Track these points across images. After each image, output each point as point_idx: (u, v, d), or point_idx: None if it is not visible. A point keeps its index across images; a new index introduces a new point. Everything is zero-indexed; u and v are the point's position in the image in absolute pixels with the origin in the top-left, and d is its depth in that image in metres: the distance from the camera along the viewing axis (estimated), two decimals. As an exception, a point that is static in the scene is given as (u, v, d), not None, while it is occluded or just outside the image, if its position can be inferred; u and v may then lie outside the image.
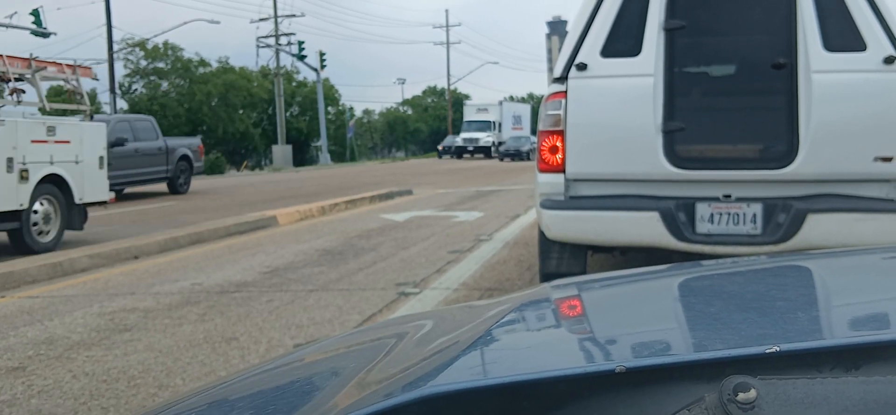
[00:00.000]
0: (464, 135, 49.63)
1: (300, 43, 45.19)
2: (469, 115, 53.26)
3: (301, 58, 45.88)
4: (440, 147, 52.37)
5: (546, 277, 4.72)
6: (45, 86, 11.07)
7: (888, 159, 3.94)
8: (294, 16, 47.19)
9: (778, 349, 0.70)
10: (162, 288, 6.32)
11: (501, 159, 39.96)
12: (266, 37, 46.72)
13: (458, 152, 47.91)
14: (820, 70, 3.95)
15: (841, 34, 3.96)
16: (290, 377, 1.10)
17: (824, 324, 0.93)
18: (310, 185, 21.16)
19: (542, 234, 4.54)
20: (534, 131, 51.53)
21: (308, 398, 0.92)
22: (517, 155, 39.87)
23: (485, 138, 47.73)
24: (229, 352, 4.27)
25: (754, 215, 4.08)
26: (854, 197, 4.03)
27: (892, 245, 2.78)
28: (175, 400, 1.10)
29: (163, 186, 18.43)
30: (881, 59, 3.91)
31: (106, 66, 37.05)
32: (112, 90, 37.23)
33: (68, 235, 9.33)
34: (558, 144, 4.26)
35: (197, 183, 26.55)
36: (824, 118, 3.94)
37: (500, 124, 50.62)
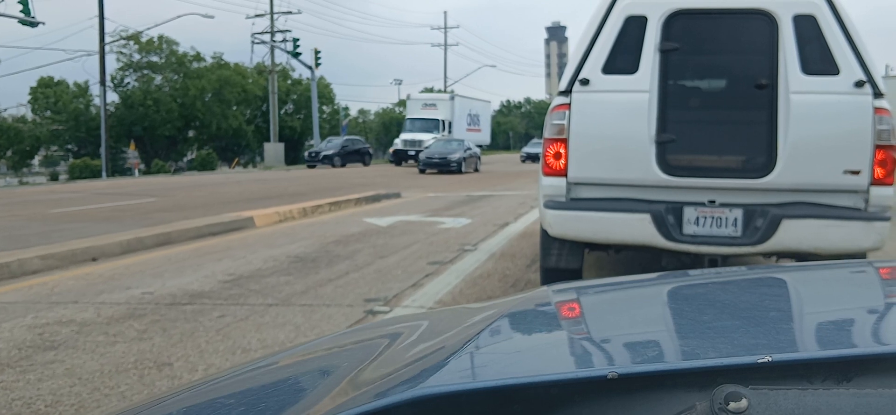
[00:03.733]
0: (405, 136, 38.81)
1: (295, 40, 44.71)
2: (413, 111, 42.08)
3: (296, 55, 45.42)
4: (308, 153, 39.56)
5: (546, 271, 5.12)
6: None
7: (856, 172, 4.34)
8: (290, 13, 46.59)
9: (770, 359, 0.70)
10: (109, 297, 5.78)
11: (421, 171, 29.16)
12: (262, 33, 46.29)
13: (397, 158, 37.85)
14: (798, 91, 4.35)
15: (817, 59, 4.36)
16: (281, 375, 1.09)
17: (817, 335, 0.92)
18: (298, 184, 20.69)
19: (544, 231, 4.94)
20: (493, 137, 44.20)
21: (298, 397, 0.90)
22: (443, 165, 28.49)
23: (429, 141, 36.42)
24: (158, 381, 3.74)
25: (735, 219, 4.48)
26: (824, 206, 4.44)
27: (887, 259, 2.92)
28: (163, 396, 1.08)
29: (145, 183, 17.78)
30: (852, 82, 4.31)
31: (97, 58, 36.33)
32: (102, 83, 36.57)
33: (29, 231, 8.75)
34: (562, 150, 4.61)
35: (182, 179, 26.00)
36: (800, 134, 4.35)
37: (450, 124, 40.75)
